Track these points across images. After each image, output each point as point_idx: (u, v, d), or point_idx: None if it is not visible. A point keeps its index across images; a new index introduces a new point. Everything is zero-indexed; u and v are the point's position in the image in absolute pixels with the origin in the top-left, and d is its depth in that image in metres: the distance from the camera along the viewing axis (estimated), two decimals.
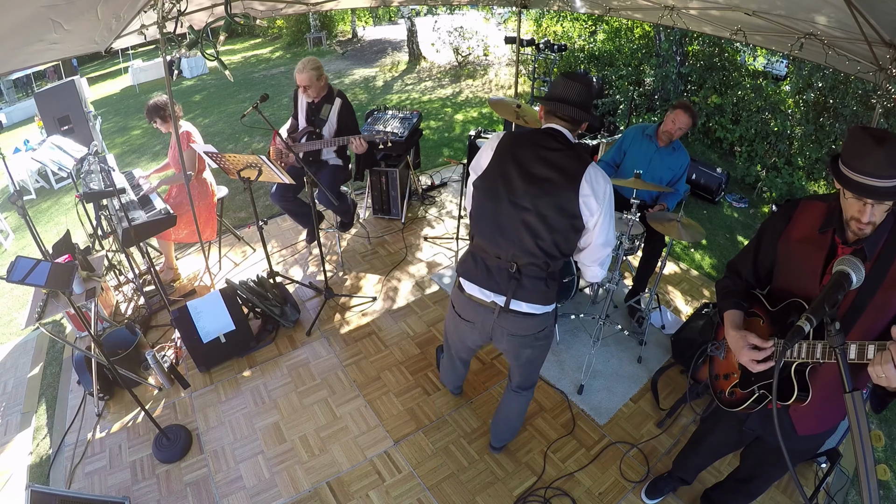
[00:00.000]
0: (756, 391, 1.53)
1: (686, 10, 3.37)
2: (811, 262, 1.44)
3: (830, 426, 1.63)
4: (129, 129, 8.56)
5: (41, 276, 2.08)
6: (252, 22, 2.85)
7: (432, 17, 15.54)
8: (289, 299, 3.48)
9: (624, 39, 8.26)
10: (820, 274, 1.42)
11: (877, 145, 1.21)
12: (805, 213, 1.49)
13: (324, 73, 3.43)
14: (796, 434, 1.61)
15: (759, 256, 1.61)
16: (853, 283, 1.11)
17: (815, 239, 1.43)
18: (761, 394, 1.51)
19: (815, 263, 1.43)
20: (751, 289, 1.66)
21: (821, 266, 1.42)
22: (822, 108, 5.76)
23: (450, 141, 7.04)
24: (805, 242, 1.46)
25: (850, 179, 1.28)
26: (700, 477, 2.42)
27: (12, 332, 3.66)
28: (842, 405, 1.48)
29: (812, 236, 1.44)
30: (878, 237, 1.32)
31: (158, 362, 2.93)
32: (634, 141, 3.34)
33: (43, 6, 1.92)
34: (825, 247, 1.41)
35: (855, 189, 1.27)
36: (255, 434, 2.74)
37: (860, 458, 0.98)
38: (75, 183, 3.40)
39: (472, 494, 2.45)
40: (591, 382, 3.03)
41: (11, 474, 2.61)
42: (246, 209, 4.99)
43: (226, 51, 14.56)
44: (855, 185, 1.27)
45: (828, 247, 1.41)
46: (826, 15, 2.38)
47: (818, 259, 1.42)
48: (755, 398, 1.53)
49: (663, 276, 4.03)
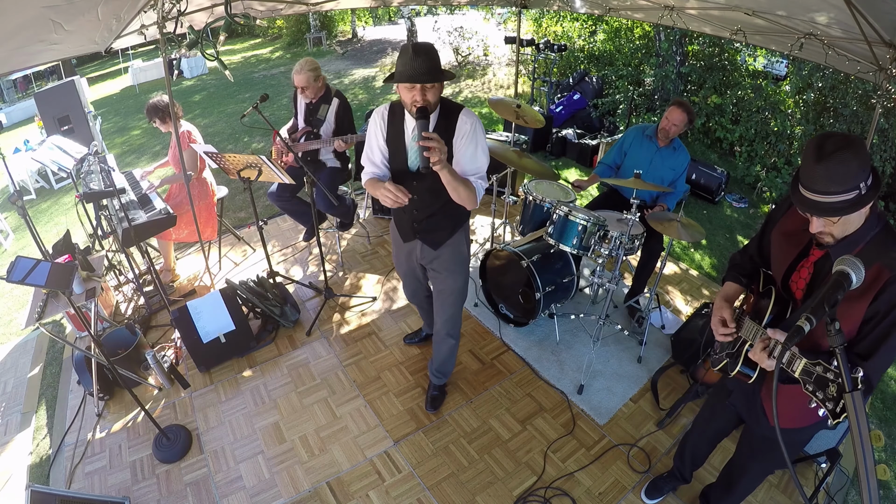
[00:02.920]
0: (724, 357, 1.70)
1: (686, 10, 3.37)
2: (785, 256, 1.52)
3: (803, 424, 1.63)
4: (128, 129, 8.57)
5: (41, 277, 2.09)
6: (252, 22, 2.86)
7: (432, 17, 15.54)
8: (289, 299, 3.48)
9: (624, 39, 8.26)
10: (786, 268, 1.50)
11: (816, 162, 1.22)
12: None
13: (321, 74, 3.44)
14: (767, 422, 1.68)
15: (763, 240, 1.69)
16: (853, 283, 1.10)
17: (797, 235, 1.49)
18: (727, 362, 1.67)
19: (787, 257, 1.51)
20: (757, 266, 1.72)
21: (789, 261, 1.49)
22: (822, 108, 5.76)
23: None
24: (788, 236, 1.52)
25: (796, 191, 1.31)
26: (699, 476, 2.42)
27: (12, 332, 3.66)
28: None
29: (796, 232, 1.49)
30: (850, 244, 1.33)
31: (158, 362, 2.93)
32: (635, 141, 3.34)
33: (43, 7, 1.92)
34: (801, 244, 1.47)
35: (796, 201, 1.31)
36: (255, 434, 2.74)
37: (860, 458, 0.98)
38: (75, 183, 3.40)
39: (472, 494, 2.45)
40: (591, 382, 3.03)
41: (11, 474, 2.61)
42: (246, 209, 4.99)
43: (226, 51, 14.56)
44: (798, 197, 1.31)
45: (803, 245, 1.47)
46: (826, 15, 2.38)
47: (790, 254, 1.50)
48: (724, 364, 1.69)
49: (663, 276, 4.03)
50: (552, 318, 3.38)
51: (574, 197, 3.57)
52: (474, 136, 2.01)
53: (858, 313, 1.30)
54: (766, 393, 1.65)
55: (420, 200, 2.15)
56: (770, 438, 1.74)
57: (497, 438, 2.72)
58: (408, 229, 2.32)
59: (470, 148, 2.02)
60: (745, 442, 1.93)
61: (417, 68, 1.82)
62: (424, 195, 2.12)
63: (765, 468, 1.93)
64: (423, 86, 1.84)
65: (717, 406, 1.99)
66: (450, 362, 2.80)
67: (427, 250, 2.34)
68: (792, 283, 1.51)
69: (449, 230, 2.28)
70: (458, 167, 2.03)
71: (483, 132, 2.05)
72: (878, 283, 1.26)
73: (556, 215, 2.95)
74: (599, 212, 3.19)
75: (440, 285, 2.45)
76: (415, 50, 1.82)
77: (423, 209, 2.20)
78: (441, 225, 2.26)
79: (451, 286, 2.42)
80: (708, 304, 3.34)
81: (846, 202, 1.23)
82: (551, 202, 3.29)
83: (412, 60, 1.81)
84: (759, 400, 1.68)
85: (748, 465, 1.93)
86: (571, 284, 3.25)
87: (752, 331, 1.51)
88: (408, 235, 2.35)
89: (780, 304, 1.51)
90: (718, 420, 2.01)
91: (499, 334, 3.39)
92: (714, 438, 2.12)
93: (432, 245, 2.31)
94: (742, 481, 2.01)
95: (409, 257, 2.47)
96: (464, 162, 2.04)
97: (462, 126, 2.01)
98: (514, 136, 4.08)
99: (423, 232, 2.29)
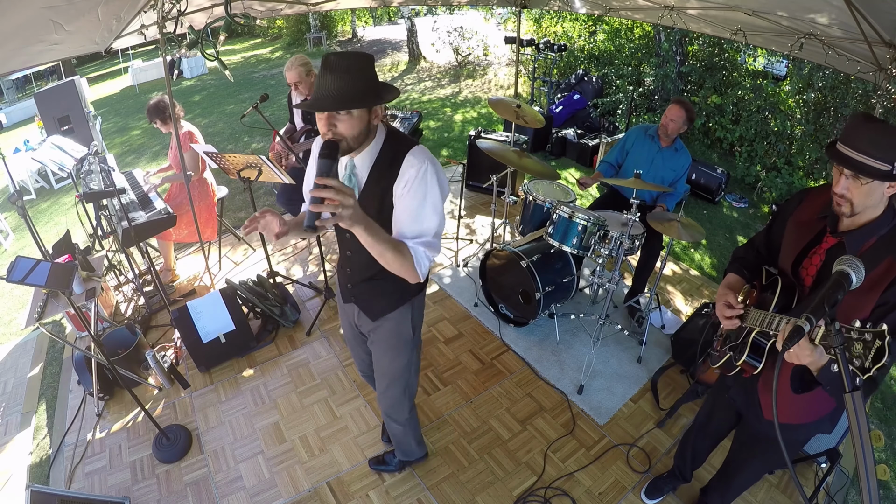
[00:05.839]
0: (728, 352, 1.65)
1: (686, 10, 3.38)
2: (797, 242, 1.52)
3: (799, 421, 1.63)
4: (128, 129, 8.57)
5: (41, 276, 2.09)
6: (252, 22, 2.86)
7: (432, 17, 15.55)
8: (289, 299, 3.48)
9: (624, 39, 8.26)
10: (797, 254, 1.51)
11: (865, 121, 1.28)
12: (814, 197, 1.54)
13: (312, 68, 3.37)
14: (763, 417, 1.68)
15: (772, 232, 1.70)
16: (853, 282, 1.11)
17: (812, 223, 1.50)
18: (730, 356, 1.64)
19: (799, 243, 1.51)
20: (762, 261, 1.73)
21: (801, 247, 1.50)
22: (822, 108, 5.76)
23: (449, 141, 7.04)
24: (803, 224, 1.53)
25: (835, 149, 1.34)
26: (699, 476, 2.42)
27: (12, 332, 3.66)
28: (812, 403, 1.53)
29: (811, 220, 1.50)
30: (865, 235, 1.35)
31: (158, 362, 2.93)
32: (637, 141, 3.34)
33: (43, 7, 1.93)
34: (814, 231, 1.48)
35: (833, 155, 1.34)
36: (255, 434, 2.74)
37: (860, 458, 0.98)
38: (75, 183, 3.40)
39: (471, 494, 2.45)
40: (591, 382, 3.03)
41: (11, 474, 2.61)
42: (246, 209, 4.98)
43: (226, 51, 14.56)
44: (834, 152, 1.33)
45: (816, 231, 1.48)
46: (826, 15, 2.38)
47: (803, 240, 1.50)
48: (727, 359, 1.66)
49: (663, 276, 4.03)
50: (552, 318, 3.38)
51: (574, 197, 3.57)
52: (422, 185, 1.45)
53: (868, 305, 1.31)
54: (764, 386, 1.65)
55: (354, 259, 1.70)
56: (768, 435, 1.74)
57: (497, 438, 2.72)
58: (344, 289, 1.88)
59: (412, 202, 1.46)
60: (744, 437, 1.93)
61: (323, 90, 1.35)
62: (360, 254, 1.53)
63: (763, 464, 1.93)
64: (330, 114, 1.36)
65: (717, 403, 2.00)
66: (407, 445, 2.38)
67: (364, 318, 1.87)
68: (802, 269, 1.51)
69: (391, 302, 1.79)
70: (396, 227, 1.52)
71: (438, 181, 1.48)
72: (889, 274, 1.28)
73: (556, 215, 2.95)
74: (600, 212, 3.19)
75: (377, 364, 2.00)
76: (326, 64, 1.34)
77: (357, 270, 1.74)
78: (380, 293, 1.77)
79: (388, 368, 1.97)
80: (708, 304, 3.34)
81: (878, 170, 1.25)
82: (551, 202, 3.30)
83: (320, 78, 1.35)
84: (756, 393, 1.69)
85: (746, 460, 1.93)
86: (571, 284, 3.25)
87: (759, 318, 1.49)
88: (345, 296, 1.90)
89: (785, 294, 1.51)
90: (718, 417, 2.02)
91: (499, 334, 3.39)
92: (714, 436, 2.13)
93: (369, 314, 1.84)
94: (739, 476, 2.01)
95: (349, 320, 1.98)
96: (402, 220, 1.49)
97: (406, 171, 1.46)
98: (514, 136, 4.08)
99: (358, 297, 1.83)
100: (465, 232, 4.54)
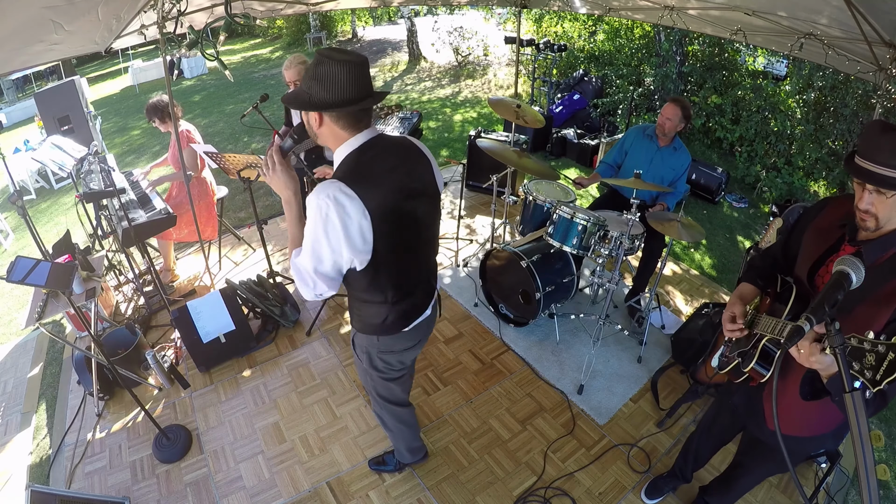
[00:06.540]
0: (736, 357, 1.65)
1: (686, 10, 3.38)
2: (815, 249, 1.50)
3: (802, 434, 1.60)
4: (128, 129, 8.57)
5: (41, 276, 2.09)
6: (252, 22, 2.86)
7: (432, 17, 15.54)
8: (289, 299, 3.48)
9: (624, 39, 8.26)
10: (814, 261, 1.48)
11: (882, 132, 1.23)
12: (835, 206, 1.52)
13: None
14: (765, 426, 1.66)
15: (790, 240, 1.68)
16: (853, 283, 1.10)
17: (831, 231, 1.47)
18: (737, 362, 1.63)
19: (817, 250, 1.48)
20: (778, 269, 1.71)
21: (819, 254, 1.47)
22: (822, 108, 5.76)
23: (449, 141, 7.04)
24: (822, 232, 1.51)
25: (854, 163, 1.30)
26: (699, 476, 2.42)
27: (12, 332, 3.66)
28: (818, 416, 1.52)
29: (830, 228, 1.48)
30: (884, 244, 1.30)
31: (158, 362, 2.93)
32: (635, 141, 3.33)
33: (43, 7, 1.93)
34: (833, 239, 1.46)
35: (854, 171, 1.29)
36: (255, 434, 2.74)
37: (860, 458, 0.98)
38: (75, 183, 3.40)
39: (472, 494, 2.45)
40: (591, 382, 3.03)
41: (11, 474, 2.61)
42: (246, 209, 4.98)
43: (226, 51, 14.55)
44: (855, 167, 1.29)
45: (835, 240, 1.45)
46: (826, 15, 2.39)
47: (821, 248, 1.48)
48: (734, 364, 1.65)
49: (663, 276, 4.03)
50: (552, 318, 3.38)
51: (574, 197, 3.57)
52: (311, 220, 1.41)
53: (883, 318, 1.27)
54: (769, 395, 1.63)
55: None
56: (772, 444, 1.71)
57: (497, 438, 2.72)
58: None
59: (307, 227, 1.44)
60: (748, 443, 1.92)
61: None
62: None
63: (766, 471, 1.93)
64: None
65: (722, 405, 1.99)
66: (398, 450, 2.43)
67: None
68: (818, 277, 1.49)
69: (355, 322, 1.79)
70: None
71: (326, 228, 1.38)
72: None
73: (556, 215, 2.95)
74: (600, 212, 3.19)
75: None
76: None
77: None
78: (351, 306, 1.78)
79: (361, 377, 2.05)
80: (708, 304, 3.33)
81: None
82: (551, 202, 3.30)
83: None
84: (760, 401, 1.67)
85: (750, 466, 1.92)
86: (571, 284, 3.25)
87: (771, 325, 1.46)
88: None
89: (799, 302, 1.48)
90: (723, 420, 2.01)
91: (499, 334, 3.39)
92: (718, 438, 2.12)
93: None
94: (742, 480, 2.01)
95: None
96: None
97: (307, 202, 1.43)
98: (514, 136, 4.08)
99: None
100: (465, 232, 4.54)
